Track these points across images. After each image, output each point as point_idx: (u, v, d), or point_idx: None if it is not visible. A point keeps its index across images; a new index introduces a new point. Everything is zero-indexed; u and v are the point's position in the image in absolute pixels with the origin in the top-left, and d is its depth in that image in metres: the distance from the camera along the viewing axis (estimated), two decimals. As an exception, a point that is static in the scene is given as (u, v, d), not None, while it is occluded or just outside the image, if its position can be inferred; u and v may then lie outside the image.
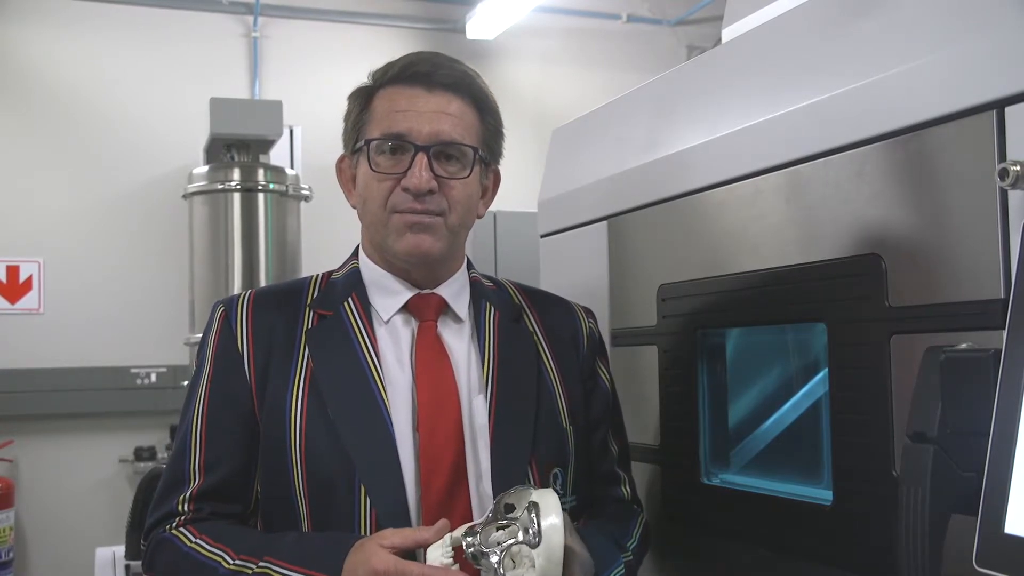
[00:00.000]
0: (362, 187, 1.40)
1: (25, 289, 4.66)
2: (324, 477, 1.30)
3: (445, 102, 1.36)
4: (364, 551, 1.18)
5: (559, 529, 1.16)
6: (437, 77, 1.36)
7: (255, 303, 1.40)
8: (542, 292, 1.58)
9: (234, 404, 1.35)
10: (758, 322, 1.43)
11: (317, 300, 1.42)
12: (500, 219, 3.55)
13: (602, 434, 1.50)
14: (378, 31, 5.23)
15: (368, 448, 1.30)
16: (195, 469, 1.34)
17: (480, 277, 1.51)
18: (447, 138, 1.35)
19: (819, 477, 1.33)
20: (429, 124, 1.34)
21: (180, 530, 1.31)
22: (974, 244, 1.04)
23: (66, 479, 4.61)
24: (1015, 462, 0.87)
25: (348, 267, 1.46)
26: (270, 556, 1.23)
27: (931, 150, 1.10)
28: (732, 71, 1.50)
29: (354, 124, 1.42)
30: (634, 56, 5.61)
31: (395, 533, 1.20)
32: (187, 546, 1.29)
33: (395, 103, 1.36)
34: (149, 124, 4.83)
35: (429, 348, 1.38)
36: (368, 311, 1.40)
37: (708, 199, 1.48)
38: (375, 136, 1.36)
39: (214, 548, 1.27)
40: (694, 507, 1.51)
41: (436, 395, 1.35)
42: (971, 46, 1.05)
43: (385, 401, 1.32)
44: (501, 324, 1.44)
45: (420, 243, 1.35)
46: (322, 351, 1.36)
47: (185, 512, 1.33)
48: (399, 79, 1.38)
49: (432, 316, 1.41)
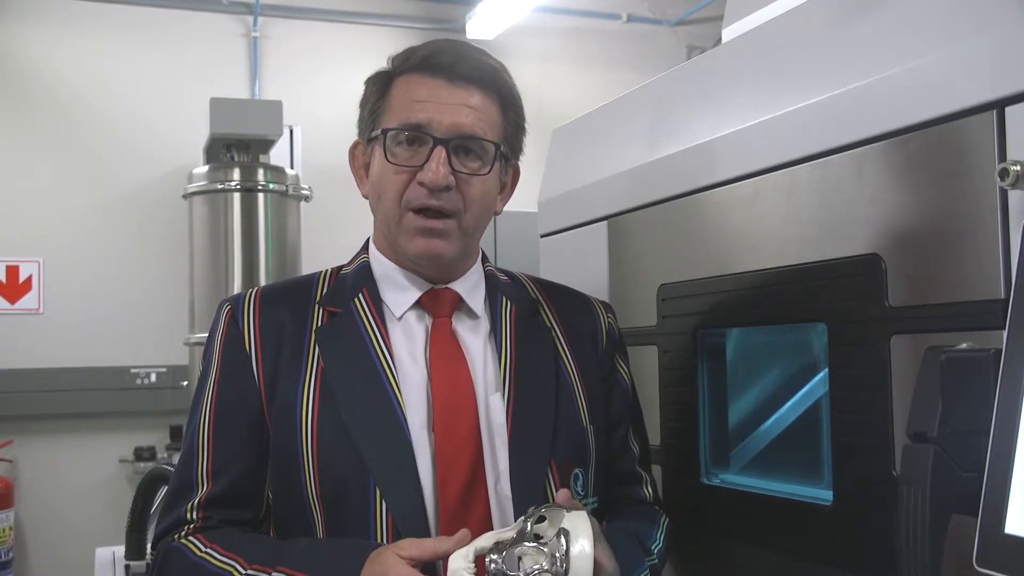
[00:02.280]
0: (376, 178, 1.34)
1: (25, 289, 4.66)
2: (337, 480, 1.26)
3: (467, 95, 1.30)
4: (382, 562, 1.13)
5: (588, 558, 1.10)
6: (461, 69, 1.31)
7: (262, 301, 1.36)
8: (559, 286, 1.53)
9: (242, 406, 1.31)
10: (758, 322, 1.43)
11: (326, 297, 1.37)
12: (500, 219, 3.51)
13: (623, 433, 1.45)
14: (378, 31, 5.23)
15: (383, 449, 1.25)
16: (203, 475, 1.29)
17: (496, 270, 1.46)
18: (468, 132, 1.29)
19: (819, 477, 1.33)
20: (450, 116, 1.29)
21: (189, 539, 1.26)
22: (974, 244, 1.04)
23: (66, 479, 4.61)
24: (1015, 462, 0.87)
25: (358, 261, 1.41)
26: (283, 566, 1.18)
27: (931, 150, 1.10)
28: (732, 71, 1.50)
29: (371, 111, 1.36)
30: (634, 56, 5.61)
31: (413, 544, 1.15)
32: (197, 556, 1.24)
33: (415, 92, 1.31)
34: (149, 124, 4.83)
35: (444, 345, 1.34)
36: (380, 307, 1.35)
37: (708, 199, 1.47)
38: (392, 125, 1.31)
39: (225, 558, 1.22)
40: (694, 507, 1.51)
41: (452, 393, 1.30)
42: (971, 46, 1.05)
43: (400, 401, 1.28)
44: (518, 319, 1.39)
45: (432, 247, 1.31)
46: (333, 350, 1.31)
47: (194, 520, 1.28)
48: (421, 68, 1.32)
49: (447, 312, 1.36)
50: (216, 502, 1.29)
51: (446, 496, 1.25)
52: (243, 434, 1.30)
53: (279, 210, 4.29)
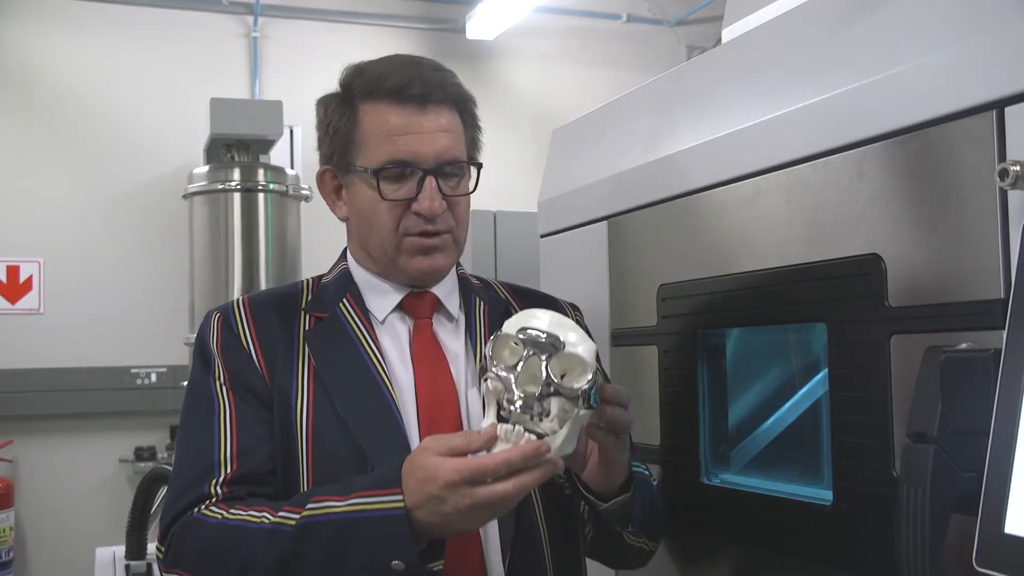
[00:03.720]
0: (366, 211, 1.38)
1: (25, 289, 4.67)
2: (333, 473, 1.28)
3: (439, 118, 1.35)
4: (424, 467, 1.11)
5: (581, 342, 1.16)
6: (432, 95, 1.34)
7: (252, 307, 1.40)
8: (527, 288, 1.59)
9: (255, 393, 1.33)
10: (758, 322, 1.43)
11: (312, 303, 1.42)
12: (500, 219, 3.54)
13: None
14: (378, 31, 5.23)
15: (382, 441, 1.29)
16: (227, 457, 1.29)
17: (468, 275, 1.53)
18: (450, 157, 1.35)
19: (819, 477, 1.33)
20: (431, 146, 1.34)
21: (211, 509, 1.26)
22: (974, 244, 1.04)
23: (66, 479, 4.61)
24: (1015, 462, 0.87)
25: (338, 269, 1.47)
26: (316, 496, 1.19)
27: (931, 150, 1.10)
28: (732, 71, 1.50)
29: (340, 139, 1.38)
30: (634, 56, 5.61)
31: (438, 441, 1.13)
32: (221, 518, 1.23)
33: (390, 124, 1.33)
34: (149, 124, 4.83)
35: (426, 345, 1.40)
36: (364, 311, 1.41)
37: (708, 199, 1.47)
38: (376, 161, 1.34)
39: (253, 512, 1.22)
40: (694, 507, 1.51)
41: (435, 391, 1.36)
42: (971, 46, 1.05)
43: (393, 395, 1.33)
44: (491, 319, 1.44)
45: (434, 263, 1.38)
46: (324, 350, 1.36)
47: (218, 494, 1.28)
48: (390, 97, 1.34)
49: (427, 314, 1.42)
50: (243, 480, 1.29)
51: None
52: (263, 418, 1.32)
53: (279, 210, 4.29)
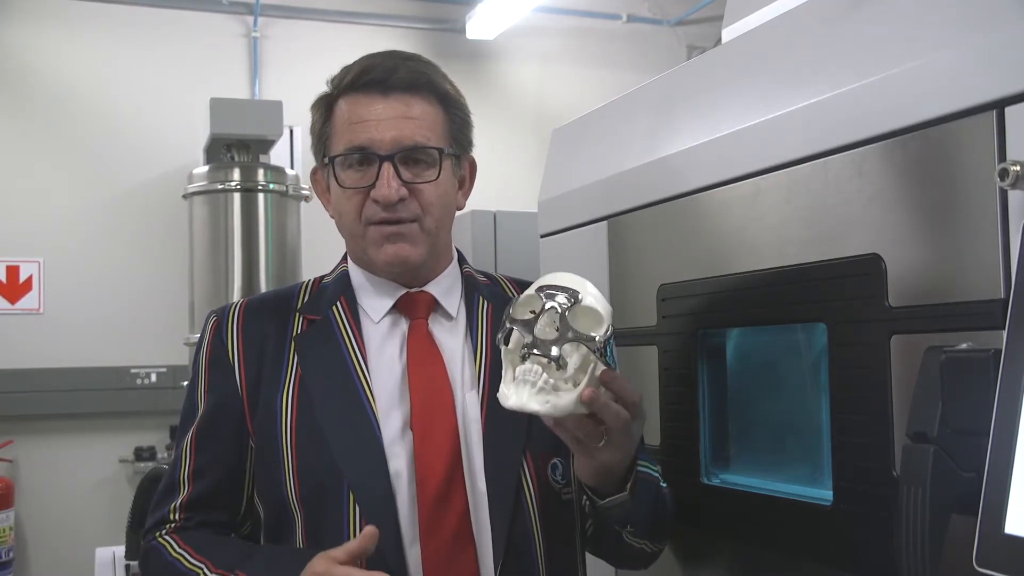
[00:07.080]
0: (335, 201, 1.40)
1: (25, 289, 4.67)
2: (315, 483, 1.31)
3: (403, 106, 1.34)
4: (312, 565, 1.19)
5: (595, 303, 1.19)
6: (393, 81, 1.34)
7: (246, 313, 1.42)
8: None
9: (225, 413, 1.37)
10: (758, 322, 1.43)
11: (307, 305, 1.42)
12: (500, 219, 3.54)
13: None
14: (378, 31, 5.23)
15: (355, 453, 1.30)
16: (185, 477, 1.38)
17: (474, 272, 1.50)
18: (410, 143, 1.33)
19: (819, 477, 1.33)
20: (389, 131, 1.32)
21: (166, 538, 1.36)
22: (974, 244, 1.04)
23: (66, 479, 4.61)
24: (1015, 462, 0.87)
25: (338, 271, 1.47)
26: (241, 572, 1.27)
27: (931, 150, 1.10)
28: (732, 71, 1.50)
29: (319, 136, 1.41)
30: (634, 56, 5.61)
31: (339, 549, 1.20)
32: (171, 556, 1.34)
33: (353, 113, 1.34)
34: (149, 124, 4.83)
35: (420, 346, 1.38)
36: (356, 313, 1.40)
37: (708, 199, 1.47)
38: (338, 151, 1.35)
39: (194, 560, 1.31)
40: (694, 507, 1.51)
41: (429, 393, 1.34)
42: (971, 46, 1.05)
43: (372, 403, 1.32)
44: (494, 317, 1.42)
45: (399, 251, 1.35)
46: (310, 357, 1.37)
47: (175, 520, 1.38)
48: (355, 87, 1.36)
49: (422, 314, 1.41)
50: (196, 504, 1.38)
51: (424, 493, 1.30)
52: (225, 440, 1.37)
53: (279, 210, 4.29)
